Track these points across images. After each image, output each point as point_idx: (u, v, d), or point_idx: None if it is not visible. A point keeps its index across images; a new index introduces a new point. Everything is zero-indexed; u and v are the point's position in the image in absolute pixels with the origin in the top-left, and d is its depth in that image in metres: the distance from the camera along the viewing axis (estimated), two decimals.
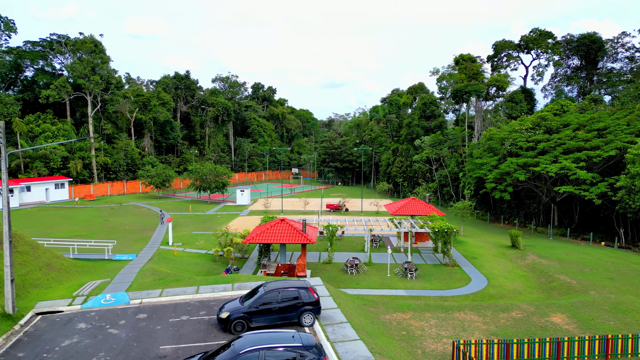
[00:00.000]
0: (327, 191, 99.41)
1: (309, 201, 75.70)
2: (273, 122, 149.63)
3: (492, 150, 59.43)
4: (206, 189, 79.12)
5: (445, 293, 30.45)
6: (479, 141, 66.15)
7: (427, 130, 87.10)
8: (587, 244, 47.73)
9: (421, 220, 43.16)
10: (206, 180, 79.01)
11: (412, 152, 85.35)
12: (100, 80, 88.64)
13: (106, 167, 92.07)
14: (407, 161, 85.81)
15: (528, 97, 78.02)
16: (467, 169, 63.56)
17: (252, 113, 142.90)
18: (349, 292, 30.03)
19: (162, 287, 23.47)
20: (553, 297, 30.10)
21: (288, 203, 77.11)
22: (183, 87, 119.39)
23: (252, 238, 31.18)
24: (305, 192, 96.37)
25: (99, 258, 33.08)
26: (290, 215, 63.74)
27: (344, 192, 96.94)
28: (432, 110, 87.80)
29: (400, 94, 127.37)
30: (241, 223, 57.60)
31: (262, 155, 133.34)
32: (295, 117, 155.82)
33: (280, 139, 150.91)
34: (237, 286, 23.30)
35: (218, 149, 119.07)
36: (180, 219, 61.41)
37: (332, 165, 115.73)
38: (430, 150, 77.73)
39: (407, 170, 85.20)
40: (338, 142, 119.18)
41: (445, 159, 75.95)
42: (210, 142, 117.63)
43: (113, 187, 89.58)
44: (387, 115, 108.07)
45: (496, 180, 54.80)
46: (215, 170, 79.23)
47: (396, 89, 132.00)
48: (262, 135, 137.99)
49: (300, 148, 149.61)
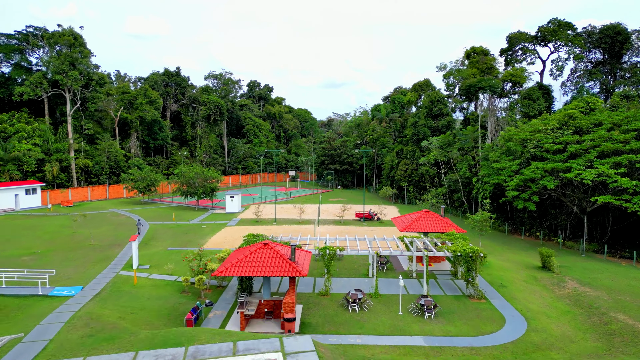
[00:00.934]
0: (326, 195, 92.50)
1: (305, 208, 68.74)
2: (269, 121, 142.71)
3: (512, 153, 52.45)
4: (193, 194, 72.18)
5: (476, 342, 23.48)
6: (495, 142, 59.19)
7: (434, 131, 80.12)
8: (629, 264, 40.72)
9: (437, 239, 36.15)
10: (193, 184, 72.09)
11: (418, 154, 78.39)
12: (79, 76, 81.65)
13: (87, 170, 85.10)
14: (413, 164, 78.84)
15: (545, 94, 70.99)
16: (481, 174, 56.55)
17: (248, 112, 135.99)
18: (351, 340, 23.07)
19: (85, 355, 16.55)
20: (617, 347, 23.14)
21: (282, 210, 70.16)
22: (173, 84, 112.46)
23: (226, 269, 24.22)
24: (302, 197, 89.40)
25: (31, 294, 26.16)
26: (283, 226, 56.82)
27: (344, 197, 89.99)
28: (439, 109, 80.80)
29: (404, 92, 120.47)
30: (227, 236, 50.63)
31: (257, 157, 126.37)
32: (292, 117, 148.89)
33: (277, 139, 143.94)
34: (192, 352, 16.34)
35: (210, 150, 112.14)
36: (160, 230, 54.44)
37: (332, 167, 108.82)
38: (438, 152, 70.78)
39: (413, 174, 78.22)
40: (338, 142, 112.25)
41: (456, 162, 69.00)
42: (201, 143, 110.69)
43: (94, 192, 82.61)
44: (390, 114, 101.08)
45: (518, 187, 47.81)
46: (203, 174, 72.26)
47: (399, 87, 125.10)
48: (258, 136, 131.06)
49: (298, 149, 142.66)
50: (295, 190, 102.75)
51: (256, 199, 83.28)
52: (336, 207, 72.35)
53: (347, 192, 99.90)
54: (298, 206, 67.50)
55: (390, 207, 75.09)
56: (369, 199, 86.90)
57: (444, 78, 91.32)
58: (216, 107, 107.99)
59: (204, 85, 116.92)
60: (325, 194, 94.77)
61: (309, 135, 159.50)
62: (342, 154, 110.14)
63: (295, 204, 74.31)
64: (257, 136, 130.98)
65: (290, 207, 73.35)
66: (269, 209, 69.89)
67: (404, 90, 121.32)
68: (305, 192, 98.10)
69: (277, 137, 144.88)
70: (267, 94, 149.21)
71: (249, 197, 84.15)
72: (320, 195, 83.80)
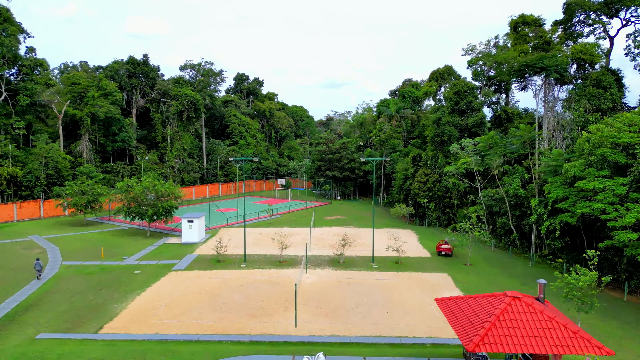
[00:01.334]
0: (323, 210, 74.01)
1: (291, 237, 50.20)
2: (259, 120, 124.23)
3: (607, 166, 33.86)
4: (142, 215, 53.69)
5: None
6: (572, 148, 40.50)
7: (462, 130, 61.57)
8: None
9: None
10: (143, 203, 53.61)
11: (442, 161, 59.86)
12: (1, 59, 63.13)
13: (16, 181, 66.54)
14: (435, 174, 60.24)
15: (615, 80, 52.49)
16: (552, 196, 37.76)
17: (233, 109, 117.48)
18: None
19: None
20: None
21: (261, 239, 51.62)
22: (140, 75, 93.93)
23: None
24: (292, 214, 70.85)
25: None
26: (255, 272, 38.07)
27: (345, 213, 71.39)
28: (468, 102, 62.24)
29: (416, 84, 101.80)
30: (164, 294, 32.08)
31: (238, 162, 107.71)
32: (285, 115, 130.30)
33: (267, 140, 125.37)
34: None
35: (184, 154, 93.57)
36: (64, 280, 35.84)
37: (329, 174, 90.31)
38: (474, 159, 52.27)
39: (435, 187, 59.60)
40: (337, 144, 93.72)
41: (498, 172, 50.54)
42: (173, 145, 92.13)
43: (23, 210, 64.03)
44: (402, 110, 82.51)
45: (637, 226, 29.13)
46: (155, 189, 53.75)
47: (408, 79, 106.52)
48: (244, 136, 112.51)
49: (291, 151, 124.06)
50: (284, 203, 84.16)
51: (232, 216, 64.68)
52: (334, 232, 53.74)
53: (349, 205, 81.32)
54: (283, 232, 48.89)
55: (406, 232, 56.48)
56: (378, 217, 68.34)
57: (469, 65, 72.78)
58: (190, 102, 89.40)
59: (176, 77, 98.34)
60: (321, 209, 76.30)
61: (304, 135, 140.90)
62: (342, 158, 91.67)
63: (281, 228, 55.74)
64: (243, 137, 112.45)
65: (273, 232, 54.78)
66: (241, 235, 51.34)
67: (415, 82, 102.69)
68: (297, 205, 79.53)
69: (268, 138, 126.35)
70: (256, 88, 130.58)
71: (225, 214, 65.48)
72: (313, 215, 65.30)
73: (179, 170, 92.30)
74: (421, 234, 54.85)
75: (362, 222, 63.16)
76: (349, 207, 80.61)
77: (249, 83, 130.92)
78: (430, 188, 59.76)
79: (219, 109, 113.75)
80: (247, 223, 61.25)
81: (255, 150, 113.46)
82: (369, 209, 76.33)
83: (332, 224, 62.03)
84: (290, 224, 61.03)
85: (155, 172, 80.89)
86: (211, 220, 62.46)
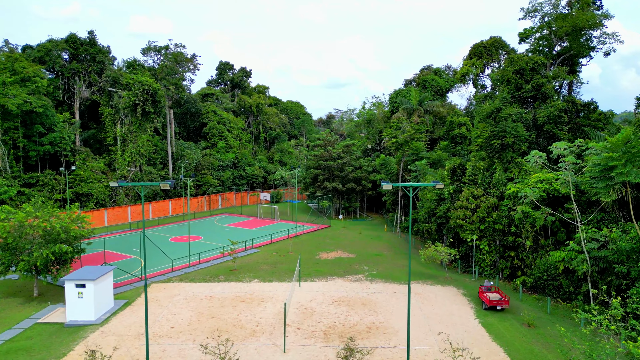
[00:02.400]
0: (319, 239, 52.75)
1: (258, 315, 29.03)
2: (245, 117, 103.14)
3: None
4: (10, 266, 32.67)
5: None
6: None
7: (527, 128, 40.34)
8: None
9: None
10: (19, 247, 32.47)
11: (501, 176, 38.47)
12: None
13: None
14: (492, 197, 38.83)
15: None
16: None
17: (212, 104, 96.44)
18: None
19: None
20: None
21: (198, 321, 30.35)
22: (85, 58, 72.87)
23: None
24: (274, 246, 49.57)
25: None
26: None
27: (350, 246, 50.14)
28: (537, 86, 40.96)
29: (439, 71, 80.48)
30: None
31: (221, 168, 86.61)
32: (277, 111, 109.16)
33: (254, 141, 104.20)
34: None
35: (141, 160, 72.36)
36: None
37: (328, 186, 69.11)
38: (565, 176, 31.01)
39: (491, 217, 38.20)
40: (339, 147, 72.54)
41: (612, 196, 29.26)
42: (125, 149, 70.91)
43: None
44: (427, 102, 61.20)
45: None
46: (40, 226, 32.58)
47: (428, 66, 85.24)
48: (225, 137, 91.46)
49: (283, 155, 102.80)
50: (267, 226, 62.89)
51: (180, 258, 43.36)
52: (333, 296, 32.30)
53: (354, 229, 59.92)
54: (247, 296, 27.57)
55: (449, 294, 35.10)
56: (394, 254, 46.92)
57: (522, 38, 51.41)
58: (146, 92, 68.18)
59: (130, 60, 77.12)
60: (317, 236, 55.02)
61: (300, 136, 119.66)
62: (345, 165, 70.51)
63: (248, 283, 34.48)
64: (223, 137, 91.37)
65: (233, 294, 33.42)
66: (183, 301, 30.07)
67: (437, 69, 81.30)
68: (284, 230, 58.15)
69: (256, 139, 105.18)
70: (243, 80, 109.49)
71: (169, 256, 44.13)
72: (299, 263, 44.13)
73: (132, 180, 71.09)
74: (477, 307, 33.28)
75: (377, 266, 41.83)
76: (354, 232, 59.20)
77: (234, 73, 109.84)
78: (483, 218, 38.30)
79: (194, 103, 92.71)
80: (200, 268, 39.88)
81: (239, 154, 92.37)
82: (382, 237, 54.85)
83: (330, 270, 40.64)
84: (263, 274, 39.62)
85: (45, 199, 59.32)
86: (151, 260, 41.24)
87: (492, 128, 37.38)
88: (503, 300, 31.11)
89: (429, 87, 73.68)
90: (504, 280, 38.35)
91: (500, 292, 32.23)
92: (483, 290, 32.42)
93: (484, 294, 32.06)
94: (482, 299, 31.97)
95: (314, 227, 61.81)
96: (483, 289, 32.54)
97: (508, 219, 37.49)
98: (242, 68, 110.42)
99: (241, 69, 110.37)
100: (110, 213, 64.43)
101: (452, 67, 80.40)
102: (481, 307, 31.74)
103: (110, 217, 64.21)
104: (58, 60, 68.58)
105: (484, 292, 32.29)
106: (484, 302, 31.77)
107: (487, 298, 31.31)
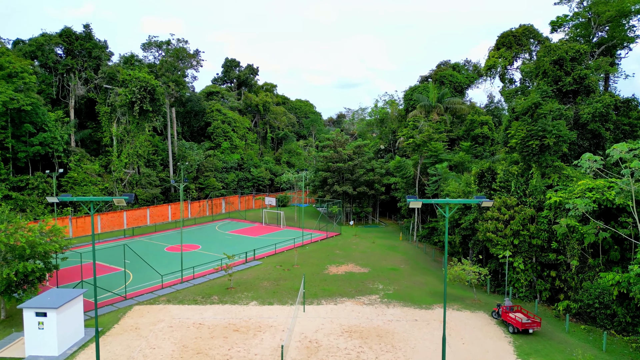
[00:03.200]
0: (328, 249, 47.75)
1: (251, 351, 24.05)
2: (252, 116, 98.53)
3: None
4: None
5: None
6: None
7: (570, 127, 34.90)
8: None
9: None
10: None
11: (539, 183, 33.10)
12: None
13: None
14: (528, 207, 33.46)
15: None
16: None
17: (217, 103, 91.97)
18: None
19: None
20: None
21: (201, 333, 25.48)
22: (81, 53, 68.75)
23: None
24: (277, 257, 44.69)
25: None
26: None
27: (363, 259, 45.03)
28: (579, 78, 35.52)
29: (456, 66, 74.96)
30: None
31: (225, 170, 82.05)
32: (286, 110, 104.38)
33: (261, 141, 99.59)
34: None
35: (139, 161, 68.00)
36: None
37: (339, 189, 64.10)
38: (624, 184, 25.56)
39: (527, 229, 32.81)
40: (349, 148, 67.49)
41: None
42: (122, 150, 66.58)
43: None
44: (447, 98, 55.83)
45: None
46: (1, 241, 28.01)
47: (445, 62, 79.63)
48: (230, 137, 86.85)
49: (291, 156, 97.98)
50: (271, 234, 58.09)
51: (171, 273, 38.69)
52: (344, 324, 27.16)
53: (367, 237, 54.77)
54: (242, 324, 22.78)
55: (474, 319, 29.85)
56: (413, 269, 41.73)
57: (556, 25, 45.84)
58: (144, 89, 63.76)
59: (128, 55, 72.82)
60: (325, 245, 49.99)
61: (309, 136, 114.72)
62: (357, 167, 65.39)
63: (245, 306, 29.63)
64: (227, 138, 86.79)
65: (225, 321, 28.54)
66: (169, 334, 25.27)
67: (457, 64, 75.75)
68: (289, 238, 53.19)
69: (262, 139, 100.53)
70: (249, 77, 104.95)
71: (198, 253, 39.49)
72: (304, 278, 39.27)
73: (130, 183, 66.80)
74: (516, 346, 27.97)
75: (393, 283, 36.66)
76: (367, 241, 54.06)
77: (240, 71, 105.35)
78: (517, 231, 32.93)
79: (198, 102, 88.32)
80: (193, 284, 35.03)
81: (244, 155, 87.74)
82: (398, 247, 49.51)
83: (339, 289, 35.58)
84: (263, 294, 34.70)
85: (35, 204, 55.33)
86: (140, 274, 36.61)
87: (530, 127, 31.96)
88: (534, 322, 27.48)
89: (447, 83, 68.25)
90: (543, 305, 32.93)
91: (524, 312, 28.65)
92: (506, 311, 28.80)
93: (509, 314, 28.26)
94: (509, 321, 28.11)
95: (322, 235, 56.80)
96: (505, 309, 28.90)
97: (548, 233, 32.08)
98: (249, 65, 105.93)
99: (248, 66, 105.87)
100: (104, 218, 60.11)
101: (472, 62, 74.74)
102: (507, 330, 28.24)
103: (104, 223, 59.92)
104: (51, 55, 64.49)
105: (507, 312, 28.62)
106: (511, 325, 27.96)
107: (518, 320, 27.39)
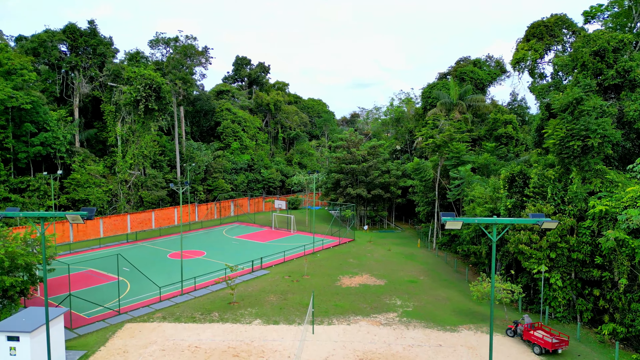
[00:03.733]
0: (341, 257, 44.39)
1: None
2: (262, 115, 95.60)
3: None
4: None
5: None
6: None
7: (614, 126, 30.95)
8: None
9: None
10: None
11: (580, 189, 29.20)
12: None
13: None
14: (567, 216, 29.56)
15: None
16: None
17: (227, 102, 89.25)
18: None
19: None
20: None
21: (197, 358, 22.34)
22: (85, 50, 66.50)
23: None
24: (286, 266, 41.44)
25: None
26: None
27: (379, 268, 41.54)
28: (624, 71, 31.55)
29: (478, 62, 70.93)
30: None
31: (234, 171, 79.19)
32: (297, 110, 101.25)
33: (272, 142, 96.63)
34: None
35: (144, 162, 65.48)
36: None
37: (352, 192, 60.65)
38: None
39: (566, 242, 28.96)
40: (363, 149, 64.00)
41: None
42: (127, 151, 64.11)
43: None
44: (469, 95, 52.01)
45: None
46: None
47: (465, 58, 75.61)
48: (240, 137, 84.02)
49: (303, 157, 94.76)
50: (281, 239, 54.88)
51: (170, 285, 35.70)
52: (357, 349, 23.84)
53: (382, 243, 51.22)
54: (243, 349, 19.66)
55: (506, 345, 26.16)
56: (433, 281, 38.07)
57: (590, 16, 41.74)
58: (149, 87, 61.18)
59: (133, 51, 70.34)
60: (338, 252, 46.62)
61: (322, 136, 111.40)
62: (372, 169, 61.86)
63: (248, 325, 26.44)
64: (237, 138, 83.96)
65: (224, 344, 25.31)
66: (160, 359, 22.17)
67: (478, 60, 71.66)
68: (300, 245, 49.92)
69: (274, 139, 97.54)
70: (260, 75, 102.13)
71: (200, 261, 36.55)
72: (313, 296, 35.97)
73: (135, 185, 64.27)
74: None
75: (413, 299, 33.08)
76: (382, 248, 50.50)
77: (251, 69, 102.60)
78: (554, 244, 29.11)
79: (207, 101, 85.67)
80: (194, 296, 31.84)
81: (254, 156, 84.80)
82: (416, 255, 45.76)
83: (353, 306, 32.13)
84: (269, 311, 31.41)
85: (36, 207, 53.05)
86: (137, 283, 33.64)
87: (571, 125, 28.14)
88: (562, 340, 25.16)
89: (468, 79, 64.31)
90: (584, 327, 29.04)
91: (546, 329, 26.23)
92: (528, 329, 26.22)
93: (533, 333, 25.63)
94: (535, 341, 25.44)
95: (335, 242, 53.39)
96: (527, 326, 26.26)
97: (591, 246, 28.22)
98: (260, 63, 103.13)
99: (259, 64, 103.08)
100: (107, 222, 57.60)
101: (494, 57, 70.55)
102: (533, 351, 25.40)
103: (106, 227, 57.39)
104: (54, 52, 62.22)
105: (530, 330, 26.08)
106: (536, 345, 25.37)
107: (547, 340, 24.66)
